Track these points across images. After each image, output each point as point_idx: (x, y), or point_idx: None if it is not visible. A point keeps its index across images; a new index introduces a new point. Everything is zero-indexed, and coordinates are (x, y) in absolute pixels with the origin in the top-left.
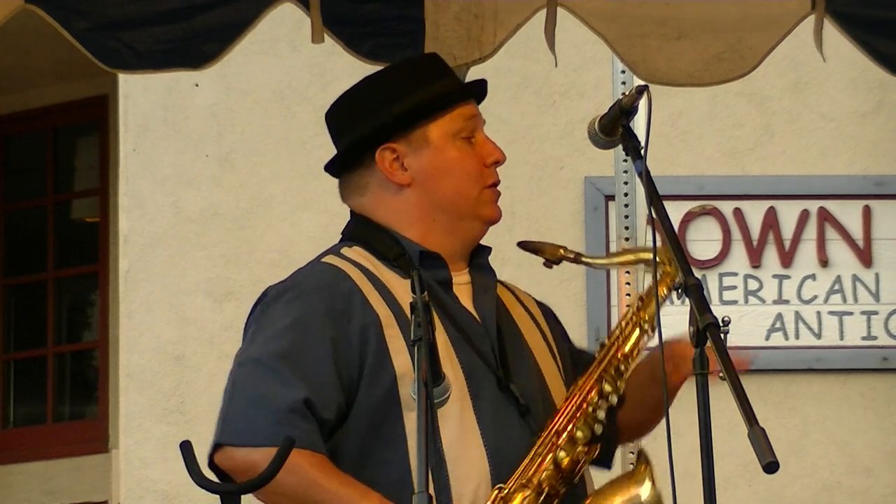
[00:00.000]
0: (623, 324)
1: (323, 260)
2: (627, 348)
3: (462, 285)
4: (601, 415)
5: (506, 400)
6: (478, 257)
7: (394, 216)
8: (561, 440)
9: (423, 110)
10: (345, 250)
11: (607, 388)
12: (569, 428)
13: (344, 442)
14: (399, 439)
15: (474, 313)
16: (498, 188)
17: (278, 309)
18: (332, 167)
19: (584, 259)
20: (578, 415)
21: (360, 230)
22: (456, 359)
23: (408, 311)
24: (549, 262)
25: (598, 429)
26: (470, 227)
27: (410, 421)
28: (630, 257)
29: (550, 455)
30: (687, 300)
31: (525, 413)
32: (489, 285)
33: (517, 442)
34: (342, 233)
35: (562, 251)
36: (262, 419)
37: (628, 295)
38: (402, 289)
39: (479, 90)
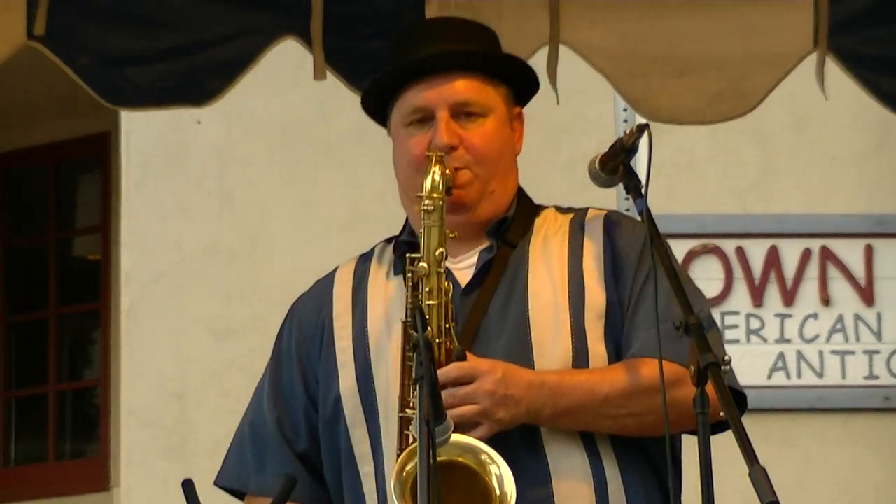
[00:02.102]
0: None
1: (338, 267)
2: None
3: (462, 270)
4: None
5: None
6: (495, 234)
7: (402, 202)
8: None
9: (382, 93)
10: (380, 245)
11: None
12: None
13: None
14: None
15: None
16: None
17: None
18: None
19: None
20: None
21: None
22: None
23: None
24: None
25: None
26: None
27: (357, 440)
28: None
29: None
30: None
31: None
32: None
33: None
34: None
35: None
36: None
37: None
38: (379, 281)
39: (437, 63)
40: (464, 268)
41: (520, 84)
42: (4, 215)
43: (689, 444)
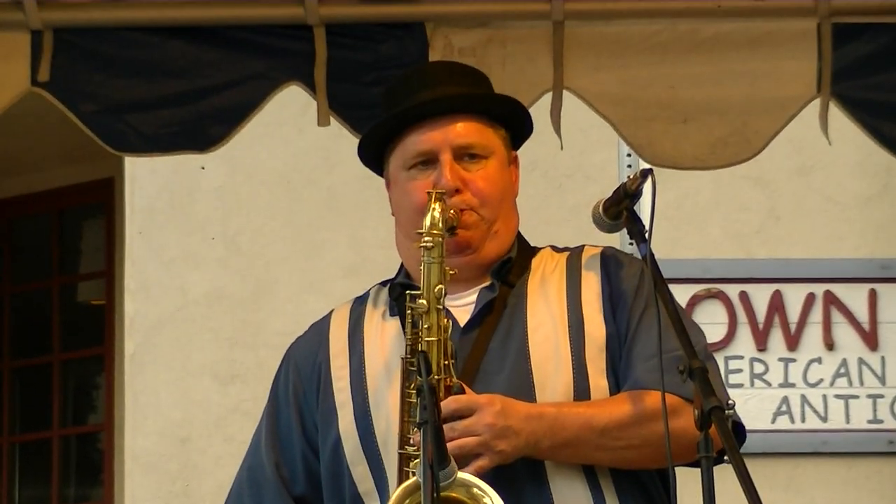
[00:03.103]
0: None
1: (333, 309)
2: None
3: (460, 308)
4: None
5: None
6: (497, 275)
7: (397, 246)
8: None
9: (382, 138)
10: (375, 288)
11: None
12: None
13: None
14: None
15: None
16: (465, 213)
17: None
18: None
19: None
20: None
21: None
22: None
23: (371, 343)
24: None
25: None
26: None
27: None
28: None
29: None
30: None
31: None
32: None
33: None
34: None
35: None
36: None
37: None
38: (375, 323)
39: (439, 106)
40: (462, 305)
41: (516, 127)
42: (9, 261)
43: (691, 480)
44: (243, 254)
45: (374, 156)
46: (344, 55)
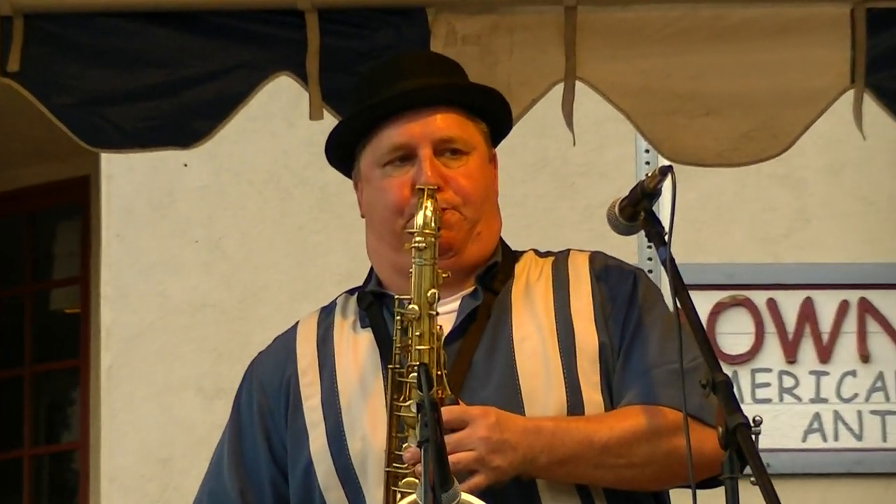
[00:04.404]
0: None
1: (298, 321)
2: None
3: (441, 316)
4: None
5: None
6: (482, 280)
7: (368, 251)
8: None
9: (351, 135)
10: (342, 297)
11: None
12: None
13: None
14: None
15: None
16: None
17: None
18: None
19: None
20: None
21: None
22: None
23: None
24: None
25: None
26: (409, 262)
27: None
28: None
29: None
30: None
31: None
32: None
33: None
34: None
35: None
36: None
37: None
38: (345, 335)
39: (419, 97)
40: (443, 314)
41: (496, 122)
42: None
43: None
44: (229, 258)
45: (342, 154)
46: (338, 43)
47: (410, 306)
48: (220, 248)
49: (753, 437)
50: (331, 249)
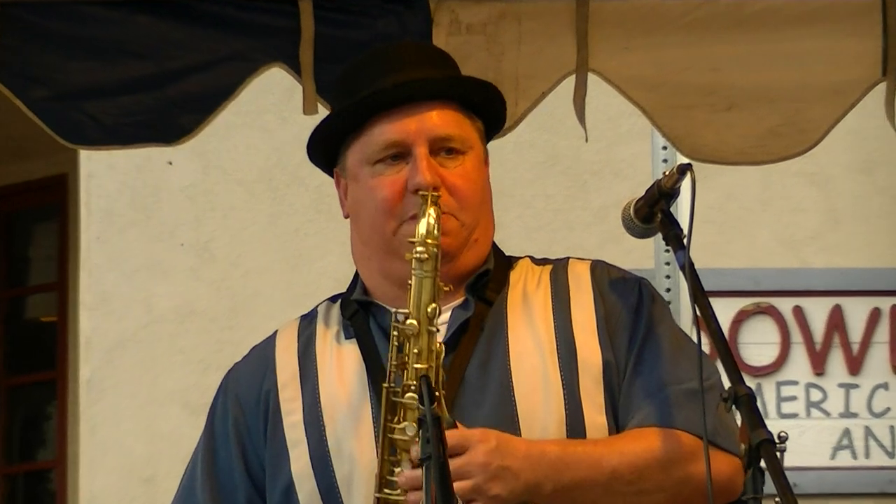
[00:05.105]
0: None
1: (277, 330)
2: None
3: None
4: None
5: None
6: (473, 289)
7: (354, 255)
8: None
9: (337, 130)
10: (323, 305)
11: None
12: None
13: None
14: None
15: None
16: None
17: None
18: None
19: None
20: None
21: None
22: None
23: (325, 370)
24: None
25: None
26: (400, 268)
27: None
28: None
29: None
30: None
31: None
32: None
33: None
34: None
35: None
36: None
37: None
38: (328, 347)
39: (415, 90)
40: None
41: (491, 120)
42: None
43: None
44: (218, 263)
45: (326, 148)
46: (334, 33)
47: (409, 321)
48: (209, 251)
49: (778, 454)
50: (327, 253)
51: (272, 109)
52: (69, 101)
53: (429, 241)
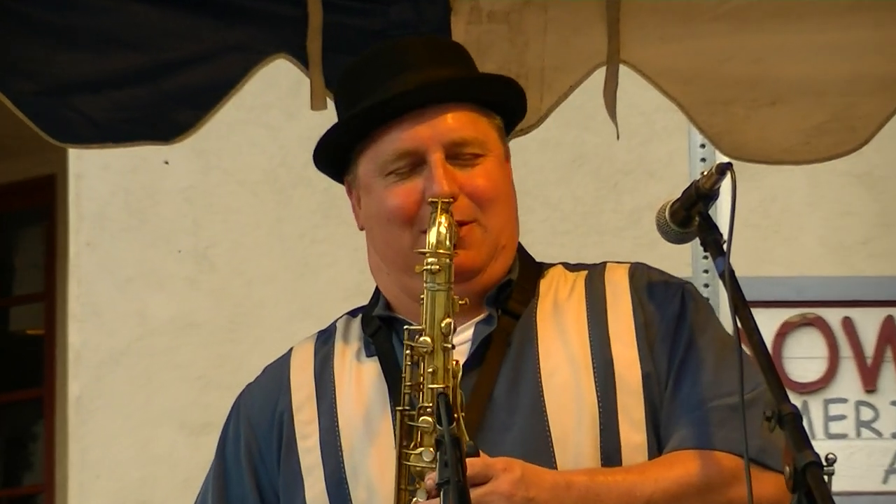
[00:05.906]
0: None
1: (293, 348)
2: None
3: (461, 344)
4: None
5: None
6: (495, 302)
7: (371, 268)
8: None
9: (346, 136)
10: (342, 320)
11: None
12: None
13: None
14: None
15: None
16: (465, 228)
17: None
18: None
19: None
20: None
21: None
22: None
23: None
24: None
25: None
26: (419, 284)
27: None
28: None
29: None
30: None
31: None
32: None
33: None
34: None
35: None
36: None
37: None
38: (348, 365)
39: (427, 95)
40: (457, 344)
41: (511, 114)
42: None
43: None
44: (218, 271)
45: (334, 157)
46: (344, 21)
47: (422, 338)
48: (208, 258)
49: (826, 477)
50: (336, 260)
51: (277, 105)
52: (57, 95)
53: (440, 251)
